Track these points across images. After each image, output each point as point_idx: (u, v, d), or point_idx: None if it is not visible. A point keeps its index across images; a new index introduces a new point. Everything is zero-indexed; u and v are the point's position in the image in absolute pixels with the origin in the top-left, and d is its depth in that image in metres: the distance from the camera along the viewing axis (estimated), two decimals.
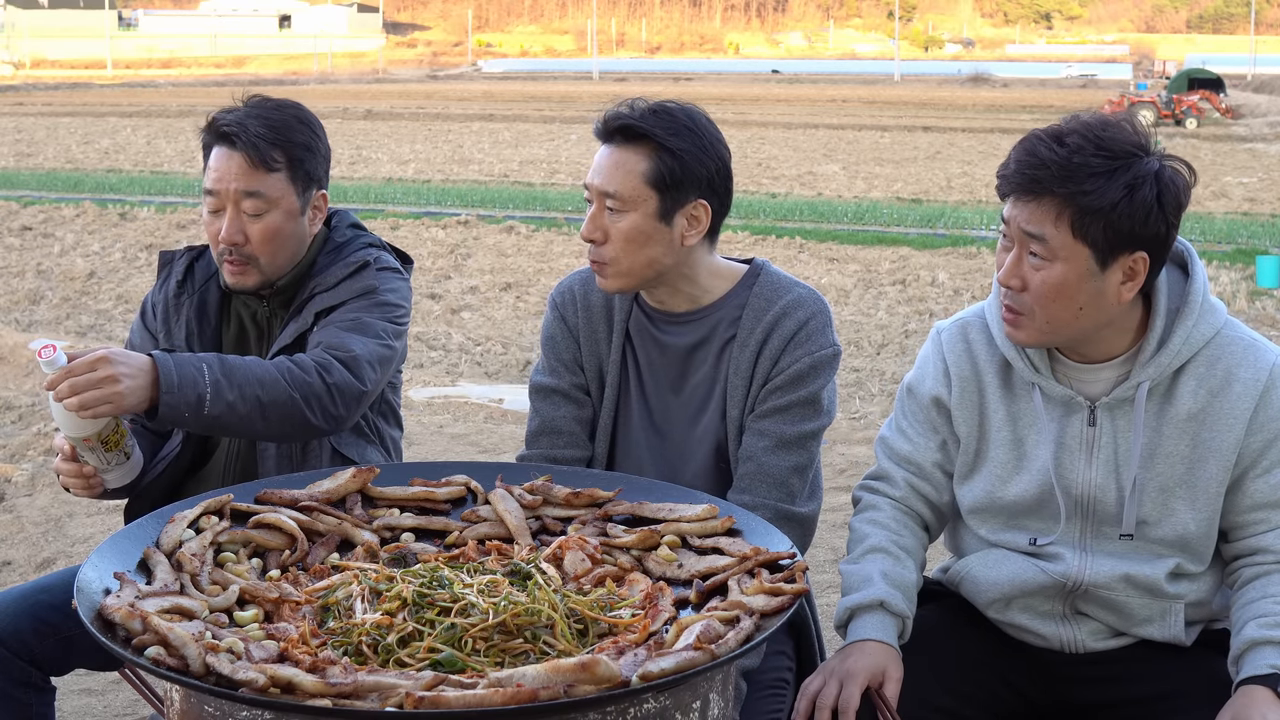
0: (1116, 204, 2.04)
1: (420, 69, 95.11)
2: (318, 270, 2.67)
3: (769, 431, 2.39)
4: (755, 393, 2.42)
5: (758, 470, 2.38)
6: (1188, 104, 35.35)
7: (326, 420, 2.41)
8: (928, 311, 9.84)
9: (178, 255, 2.76)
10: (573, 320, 2.55)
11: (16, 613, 2.43)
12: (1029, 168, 2.08)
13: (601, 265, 2.41)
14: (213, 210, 2.60)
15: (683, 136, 2.37)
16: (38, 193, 17.48)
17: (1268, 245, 13.14)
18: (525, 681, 1.52)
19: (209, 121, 2.62)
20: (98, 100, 44.79)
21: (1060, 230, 2.07)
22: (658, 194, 2.36)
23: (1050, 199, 2.07)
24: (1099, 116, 2.12)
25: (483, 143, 27.18)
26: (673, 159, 2.35)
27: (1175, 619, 2.25)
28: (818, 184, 19.43)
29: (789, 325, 2.41)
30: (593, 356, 2.54)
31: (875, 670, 2.12)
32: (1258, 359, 2.18)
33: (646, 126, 2.36)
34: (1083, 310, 2.12)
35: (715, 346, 2.46)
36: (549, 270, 11.62)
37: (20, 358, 7.68)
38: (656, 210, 2.37)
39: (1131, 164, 2.05)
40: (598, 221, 2.39)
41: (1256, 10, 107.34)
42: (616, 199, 2.37)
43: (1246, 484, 2.19)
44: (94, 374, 2.18)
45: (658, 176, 2.36)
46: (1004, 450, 2.28)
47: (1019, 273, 2.12)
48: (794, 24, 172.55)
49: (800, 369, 2.39)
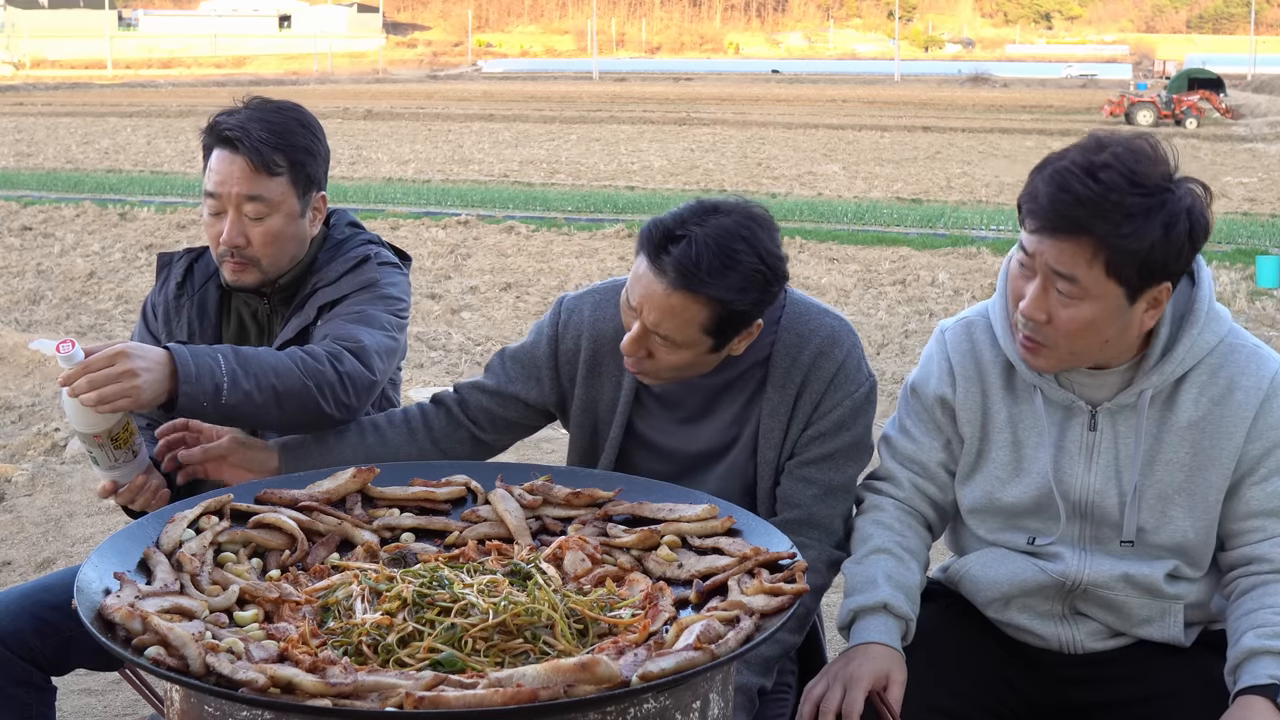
0: (1154, 245, 1.99)
1: (420, 69, 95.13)
2: (318, 267, 2.67)
3: (817, 480, 2.35)
4: (795, 436, 2.36)
5: (807, 518, 2.34)
6: (1188, 104, 35.37)
7: (339, 409, 2.41)
8: (928, 311, 9.84)
9: (176, 257, 2.77)
10: (567, 350, 2.45)
11: (17, 612, 2.43)
12: (1064, 205, 2.00)
13: (641, 372, 2.31)
14: (214, 212, 2.59)
15: (748, 286, 2.17)
16: (38, 193, 17.48)
17: (1268, 245, 13.14)
18: (525, 681, 1.52)
19: (210, 124, 2.61)
20: (98, 100, 44.80)
21: (1094, 270, 2.01)
22: (714, 339, 2.23)
23: (1086, 239, 2.00)
24: (1128, 145, 2.03)
25: (483, 143, 27.18)
26: (736, 314, 2.19)
27: (1174, 619, 2.25)
28: (818, 184, 19.43)
29: (827, 367, 2.33)
30: (588, 388, 2.46)
31: (879, 674, 2.12)
32: (1260, 367, 2.17)
33: (711, 289, 2.14)
34: (1109, 342, 2.10)
35: (747, 389, 2.38)
36: (549, 270, 11.62)
37: (20, 358, 7.68)
38: (710, 348, 2.25)
39: (1166, 200, 1.99)
40: (642, 344, 2.24)
41: (1256, 10, 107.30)
42: (668, 341, 2.22)
43: (1243, 491, 2.18)
44: (112, 368, 2.17)
45: (717, 326, 2.21)
46: (1004, 452, 2.27)
47: (1045, 306, 2.07)
48: (794, 24, 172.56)
49: (842, 414, 2.34)
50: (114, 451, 2.32)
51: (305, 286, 2.65)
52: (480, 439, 2.53)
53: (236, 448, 2.43)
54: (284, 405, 2.35)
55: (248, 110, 2.61)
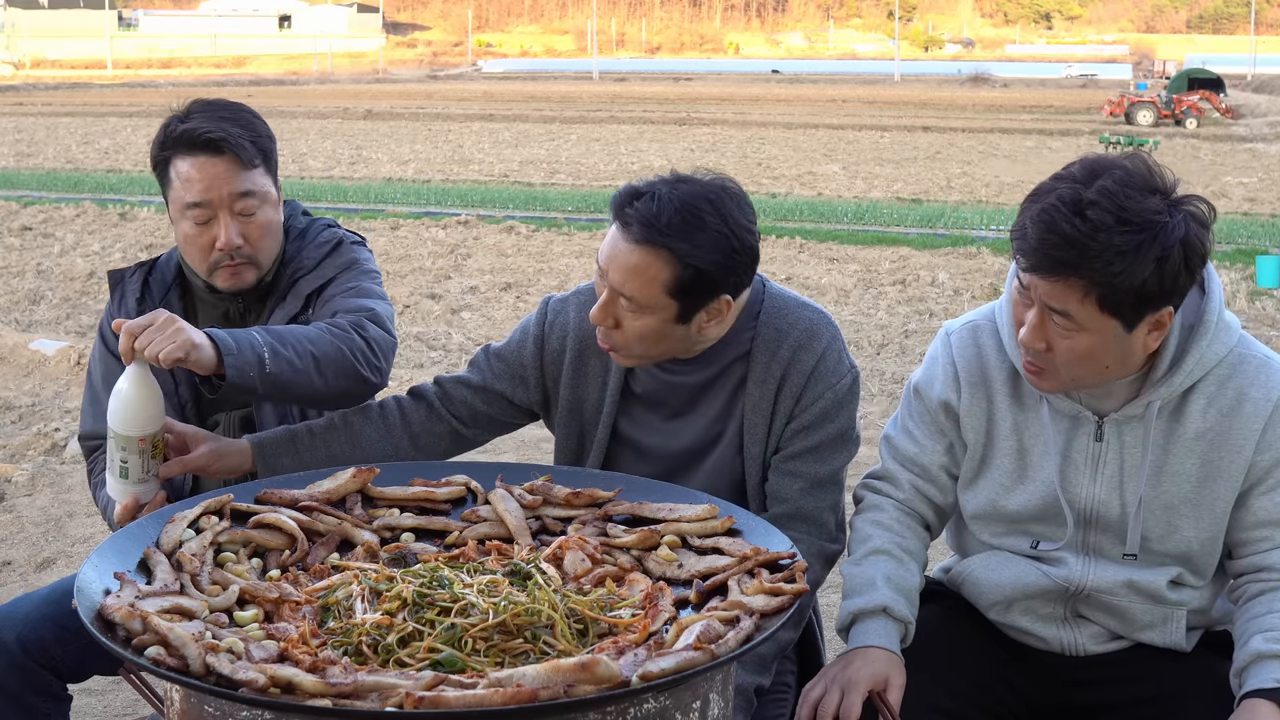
0: (1146, 280, 1.96)
1: (420, 69, 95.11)
2: (289, 257, 2.67)
3: (802, 473, 2.35)
4: (779, 430, 2.36)
5: (795, 512, 2.34)
6: (1188, 104, 35.36)
7: (373, 372, 2.43)
8: (928, 311, 9.84)
9: (128, 273, 2.71)
10: (552, 350, 2.46)
11: (39, 620, 2.41)
12: (1051, 247, 1.96)
13: (613, 348, 2.31)
14: (201, 222, 2.53)
15: (711, 247, 2.18)
16: (38, 193, 17.47)
17: (1268, 245, 13.13)
18: (525, 681, 1.52)
19: (174, 133, 2.53)
20: (98, 100, 44.78)
21: (1087, 307, 1.99)
22: (678, 302, 2.22)
23: (1075, 279, 1.98)
24: (1119, 176, 1.98)
25: (483, 143, 27.17)
26: (698, 273, 2.19)
27: (1177, 625, 2.25)
28: (818, 184, 19.42)
29: (806, 359, 2.33)
30: (573, 389, 2.45)
31: (878, 678, 2.12)
32: (1270, 378, 2.15)
33: (672, 241, 2.16)
34: (1109, 368, 2.09)
35: (729, 385, 2.38)
36: (549, 270, 11.61)
37: (20, 357, 7.68)
38: (675, 315, 2.24)
39: (1158, 233, 1.95)
40: (610, 310, 2.25)
41: (1256, 10, 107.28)
42: (633, 302, 2.22)
43: (1251, 501, 2.17)
44: (160, 326, 2.17)
45: (680, 287, 2.20)
46: (1009, 460, 2.26)
47: (1043, 336, 2.06)
48: (794, 24, 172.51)
49: (825, 406, 2.34)
50: (150, 461, 2.25)
51: (281, 279, 2.65)
52: (461, 434, 2.53)
53: (214, 459, 2.39)
54: (324, 372, 2.35)
55: (205, 112, 2.56)
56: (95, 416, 2.65)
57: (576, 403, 2.46)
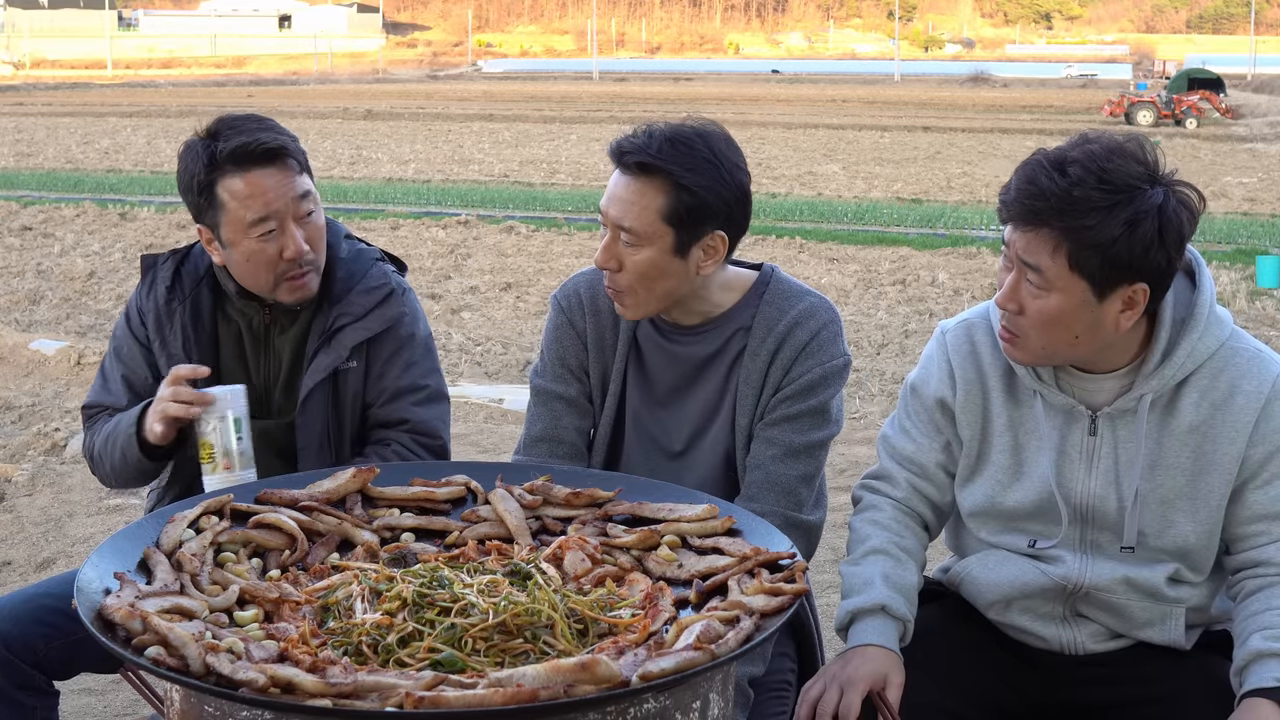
0: (1116, 239, 1.99)
1: (420, 69, 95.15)
2: (336, 294, 2.63)
3: (778, 440, 2.39)
4: (765, 402, 2.41)
5: (766, 478, 2.38)
6: (1188, 104, 35.39)
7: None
8: (928, 311, 9.84)
9: (161, 259, 2.68)
10: (580, 325, 2.53)
11: (22, 616, 2.41)
12: (1028, 197, 2.03)
13: (619, 294, 2.39)
14: (267, 237, 2.49)
15: (701, 171, 2.30)
16: (38, 193, 17.47)
17: (1268, 245, 13.14)
18: (525, 681, 1.52)
19: (224, 154, 2.47)
20: (98, 100, 44.79)
21: (1057, 262, 2.03)
22: (674, 230, 2.32)
23: (1048, 230, 2.02)
24: (1107, 143, 2.05)
25: (483, 143, 27.18)
26: (690, 196, 2.29)
27: (1175, 623, 2.25)
28: (818, 184, 19.43)
29: (801, 335, 2.40)
30: (599, 363, 2.53)
31: (876, 676, 2.12)
32: (1261, 371, 2.16)
33: (663, 163, 2.29)
34: (1079, 338, 2.10)
35: (728, 359, 2.45)
36: (549, 270, 11.62)
37: (20, 357, 7.68)
38: (673, 246, 2.33)
39: (1134, 197, 2.00)
40: (613, 251, 2.36)
41: (1256, 10, 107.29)
42: (632, 234, 2.32)
43: (1246, 495, 2.18)
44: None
45: (674, 213, 2.30)
46: (1004, 456, 2.27)
47: (1016, 297, 2.10)
48: (794, 24, 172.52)
49: (811, 379, 2.39)
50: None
51: (325, 317, 2.62)
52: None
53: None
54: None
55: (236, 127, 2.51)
56: (103, 390, 2.69)
57: (601, 368, 2.53)
